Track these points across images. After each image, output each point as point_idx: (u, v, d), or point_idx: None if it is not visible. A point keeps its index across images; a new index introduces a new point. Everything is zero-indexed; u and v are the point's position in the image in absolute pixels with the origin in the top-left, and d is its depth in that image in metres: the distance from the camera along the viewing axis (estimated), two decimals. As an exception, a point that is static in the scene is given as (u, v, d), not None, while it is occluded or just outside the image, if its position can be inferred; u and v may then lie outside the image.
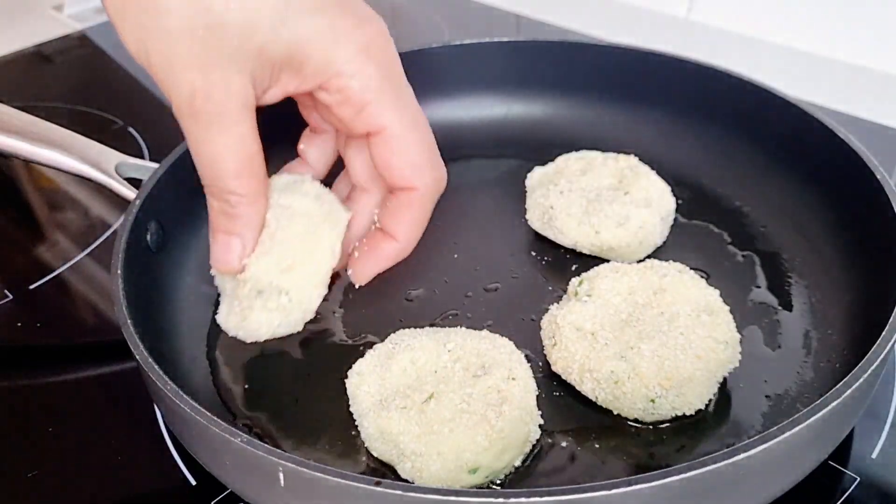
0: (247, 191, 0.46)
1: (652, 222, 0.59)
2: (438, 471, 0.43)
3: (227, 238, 0.48)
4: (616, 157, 0.64)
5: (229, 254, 0.48)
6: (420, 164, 0.48)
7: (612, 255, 0.59)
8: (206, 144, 0.44)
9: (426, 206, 0.50)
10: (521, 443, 0.45)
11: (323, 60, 0.43)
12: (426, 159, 0.48)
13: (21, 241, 0.73)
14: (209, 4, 0.40)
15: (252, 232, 0.48)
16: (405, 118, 0.46)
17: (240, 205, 0.46)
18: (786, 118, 0.63)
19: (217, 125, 0.43)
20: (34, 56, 1.04)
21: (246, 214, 0.47)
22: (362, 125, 0.46)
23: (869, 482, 0.47)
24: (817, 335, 0.53)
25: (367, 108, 0.45)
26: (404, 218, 0.50)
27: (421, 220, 0.50)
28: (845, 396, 0.39)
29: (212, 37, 0.41)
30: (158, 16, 0.40)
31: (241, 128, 0.44)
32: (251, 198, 0.46)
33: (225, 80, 0.42)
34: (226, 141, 0.44)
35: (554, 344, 0.50)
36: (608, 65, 0.72)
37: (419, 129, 0.47)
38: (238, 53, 0.42)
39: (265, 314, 0.50)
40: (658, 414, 0.47)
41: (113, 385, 0.57)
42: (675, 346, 0.47)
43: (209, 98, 0.42)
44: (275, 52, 0.42)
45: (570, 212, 0.60)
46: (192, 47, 0.41)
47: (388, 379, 0.47)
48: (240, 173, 0.45)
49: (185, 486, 0.49)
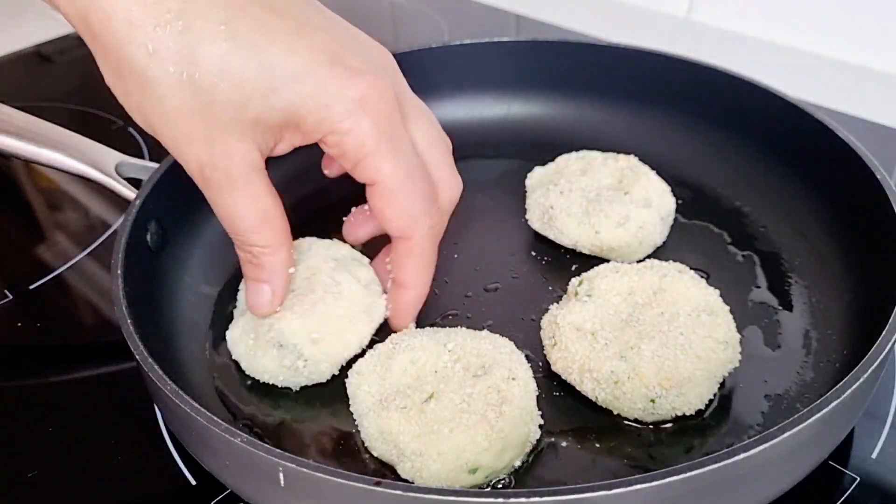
0: (267, 242, 0.48)
1: (652, 222, 0.59)
2: (438, 471, 0.43)
3: (257, 285, 0.50)
4: (616, 157, 0.64)
5: (260, 298, 0.50)
6: (414, 214, 0.49)
7: (612, 255, 0.59)
8: (222, 207, 0.46)
9: (427, 251, 0.51)
10: (521, 443, 0.45)
11: (317, 120, 0.44)
12: (420, 209, 0.49)
13: (21, 242, 0.73)
14: (199, 86, 0.42)
15: (279, 278, 0.50)
16: (399, 170, 0.47)
17: (262, 255, 0.48)
18: (786, 118, 0.63)
19: (228, 189, 0.45)
20: (34, 56, 1.04)
21: (270, 263, 0.49)
22: (360, 177, 0.48)
23: (869, 482, 0.47)
24: (817, 335, 0.53)
25: (363, 162, 0.46)
26: (409, 265, 0.51)
27: (425, 263, 0.52)
28: (845, 396, 0.39)
29: (207, 114, 0.43)
30: (154, 99, 0.42)
31: (253, 188, 0.46)
32: (273, 248, 0.48)
33: (227, 150, 0.44)
34: (239, 202, 0.46)
35: (554, 344, 0.50)
36: (608, 65, 0.72)
37: (415, 180, 0.48)
38: (235, 125, 0.43)
39: (275, 366, 0.51)
40: (658, 414, 0.47)
41: (113, 385, 0.57)
42: (675, 346, 0.47)
43: (216, 167, 0.44)
44: (270, 119, 0.44)
45: (571, 212, 0.60)
46: (191, 125, 0.43)
47: (389, 379, 0.47)
48: (258, 228, 0.47)
49: (185, 486, 0.49)
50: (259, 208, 0.46)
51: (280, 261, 0.49)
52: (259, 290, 0.50)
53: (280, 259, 0.49)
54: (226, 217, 0.47)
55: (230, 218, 0.47)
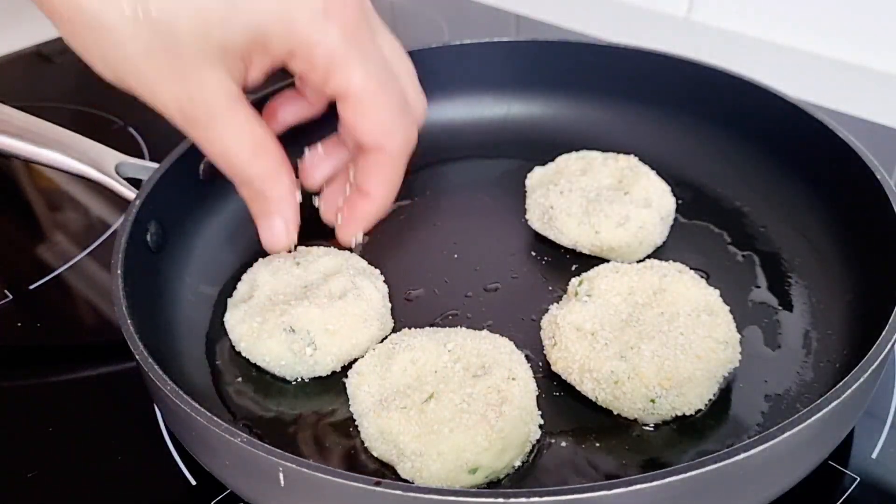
0: (266, 170, 0.46)
1: (652, 222, 0.59)
2: (438, 471, 0.43)
3: (268, 221, 0.48)
4: (616, 157, 0.64)
5: (274, 234, 0.49)
6: (389, 124, 0.47)
7: (612, 255, 0.59)
8: (211, 144, 0.45)
9: (397, 165, 0.50)
10: (521, 443, 0.45)
11: (283, 35, 0.43)
12: (394, 120, 0.47)
13: (21, 242, 0.73)
14: (156, 23, 0.41)
15: (287, 205, 0.48)
16: (371, 80, 0.45)
17: (265, 185, 0.47)
18: (786, 118, 0.63)
19: (212, 124, 0.44)
20: (34, 56, 1.04)
21: (274, 191, 0.47)
22: (332, 90, 0.46)
23: (869, 482, 0.47)
24: (817, 335, 0.53)
25: (333, 73, 0.45)
26: (379, 176, 0.50)
27: (394, 178, 0.50)
28: (845, 396, 0.39)
29: (171, 51, 0.42)
30: (116, 46, 0.41)
31: (237, 117, 0.44)
32: (273, 176, 0.47)
33: (200, 81, 0.43)
34: (226, 134, 0.44)
35: (554, 344, 0.50)
36: (608, 65, 0.72)
37: (387, 90, 0.46)
38: (202, 55, 0.42)
39: (282, 349, 0.51)
40: (658, 414, 0.47)
41: (113, 385, 0.57)
42: (675, 346, 0.47)
43: (193, 102, 0.43)
44: (236, 42, 0.43)
45: (571, 212, 0.60)
46: (159, 65, 0.42)
47: (389, 379, 0.47)
48: (253, 159, 0.46)
49: (185, 486, 0.49)
50: (249, 137, 0.45)
51: (284, 186, 0.48)
52: (271, 225, 0.49)
53: (283, 185, 0.47)
54: (218, 154, 0.45)
55: (223, 154, 0.45)
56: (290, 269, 0.55)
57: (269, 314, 0.52)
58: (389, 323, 0.55)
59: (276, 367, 0.51)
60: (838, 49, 0.89)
